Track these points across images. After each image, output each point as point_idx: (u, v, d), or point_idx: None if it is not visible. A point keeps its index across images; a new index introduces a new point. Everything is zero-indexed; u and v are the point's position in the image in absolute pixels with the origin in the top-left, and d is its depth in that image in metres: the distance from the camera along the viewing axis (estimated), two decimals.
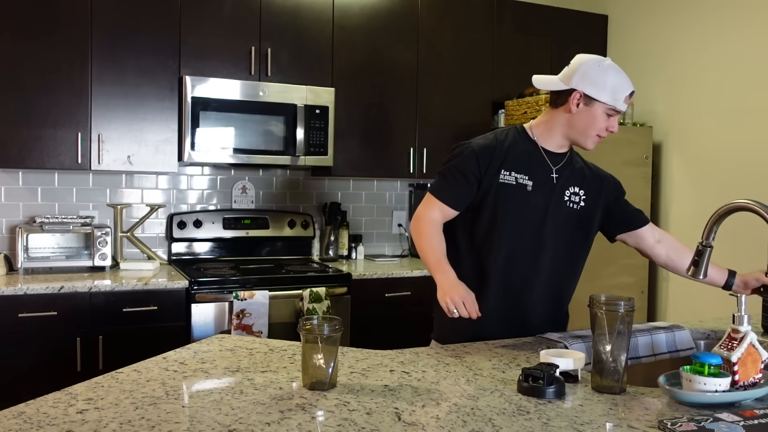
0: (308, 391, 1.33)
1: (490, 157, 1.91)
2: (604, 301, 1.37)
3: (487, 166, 1.90)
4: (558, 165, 1.96)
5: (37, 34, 3.04)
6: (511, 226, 1.89)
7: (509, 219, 1.89)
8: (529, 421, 1.19)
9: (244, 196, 3.81)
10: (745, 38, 3.59)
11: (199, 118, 3.26)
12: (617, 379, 1.36)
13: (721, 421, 1.17)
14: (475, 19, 4.00)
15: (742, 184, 3.57)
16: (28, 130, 3.05)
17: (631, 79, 1.93)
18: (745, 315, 1.37)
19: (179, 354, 1.59)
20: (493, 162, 1.90)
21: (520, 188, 1.90)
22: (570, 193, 1.95)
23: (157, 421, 1.15)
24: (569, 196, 1.95)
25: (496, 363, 1.58)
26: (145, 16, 3.22)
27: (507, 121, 4.02)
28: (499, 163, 1.90)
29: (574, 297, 2.02)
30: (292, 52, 3.52)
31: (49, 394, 1.28)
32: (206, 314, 3.03)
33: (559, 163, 1.97)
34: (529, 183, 1.91)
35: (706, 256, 1.71)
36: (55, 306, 2.83)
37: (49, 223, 3.17)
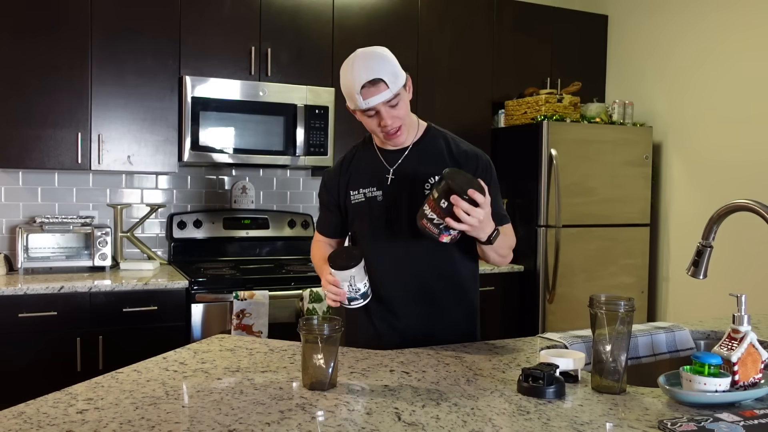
0: (308, 391, 1.33)
1: (336, 181, 1.91)
2: (604, 301, 1.37)
3: (337, 191, 1.90)
4: (396, 163, 1.84)
5: (37, 34, 3.04)
6: (369, 241, 1.85)
7: (366, 236, 1.87)
8: (529, 421, 1.19)
9: (244, 196, 3.81)
10: (745, 38, 3.59)
11: (199, 118, 3.26)
12: (617, 379, 1.36)
13: (721, 421, 1.17)
14: (475, 19, 4.00)
15: (742, 184, 3.57)
16: (28, 130, 3.05)
17: (375, 67, 1.69)
18: (745, 315, 1.36)
19: (179, 354, 1.59)
20: (341, 185, 1.89)
21: (371, 202, 1.84)
22: (431, 185, 1.81)
23: (157, 421, 1.15)
24: (430, 188, 1.80)
25: (496, 363, 1.58)
26: (145, 16, 3.22)
27: (507, 121, 4.02)
28: (345, 184, 1.89)
29: (574, 297, 2.00)
30: (292, 52, 3.52)
31: (49, 394, 1.28)
32: (206, 314, 3.03)
33: (397, 161, 1.84)
34: (378, 193, 1.84)
35: (706, 256, 1.71)
36: (55, 306, 2.83)
37: (49, 223, 3.17)
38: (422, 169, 1.82)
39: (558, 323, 3.69)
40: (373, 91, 1.68)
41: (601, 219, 3.83)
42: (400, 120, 1.76)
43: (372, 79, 1.68)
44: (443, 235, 1.60)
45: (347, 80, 1.72)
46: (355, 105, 1.74)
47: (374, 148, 1.89)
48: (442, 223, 1.57)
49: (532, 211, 3.76)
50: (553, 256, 3.70)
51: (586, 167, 3.76)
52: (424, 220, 1.59)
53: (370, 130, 1.82)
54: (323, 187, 1.97)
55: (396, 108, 1.74)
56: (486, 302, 3.90)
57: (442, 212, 1.55)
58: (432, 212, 1.57)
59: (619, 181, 3.86)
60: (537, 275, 3.72)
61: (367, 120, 1.77)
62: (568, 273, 3.73)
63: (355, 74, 1.69)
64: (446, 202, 1.53)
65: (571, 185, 3.72)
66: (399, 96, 1.73)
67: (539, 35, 4.19)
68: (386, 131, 1.76)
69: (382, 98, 1.70)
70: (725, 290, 3.17)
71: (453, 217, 1.54)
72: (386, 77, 1.69)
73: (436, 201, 1.56)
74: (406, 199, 1.81)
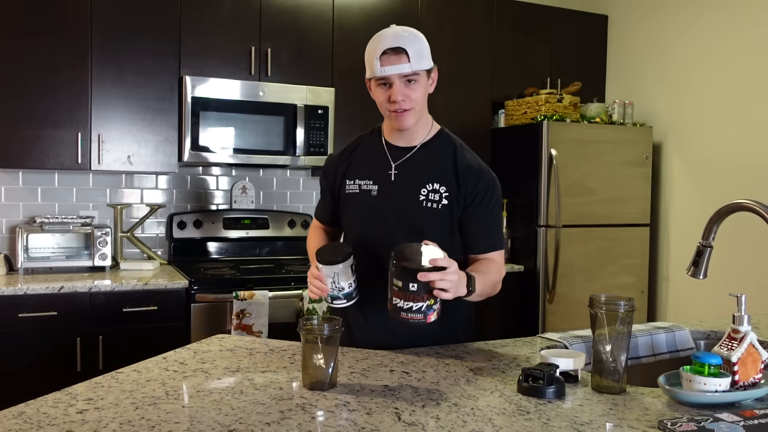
0: (308, 391, 1.33)
1: (335, 169, 1.86)
2: (604, 301, 1.37)
3: (334, 178, 1.86)
4: (399, 160, 1.78)
5: (37, 34, 3.04)
6: (359, 236, 1.79)
7: (352, 230, 1.83)
8: (529, 421, 1.19)
9: (244, 196, 3.81)
10: (745, 38, 3.59)
11: (199, 118, 3.26)
12: (617, 379, 1.36)
13: (721, 421, 1.17)
14: (475, 19, 4.00)
15: (742, 184, 3.57)
16: (28, 130, 3.05)
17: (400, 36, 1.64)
18: (745, 315, 1.36)
19: (179, 354, 1.59)
20: (339, 172, 1.85)
21: (365, 195, 1.78)
22: (428, 191, 1.74)
23: (157, 421, 1.15)
24: (426, 195, 1.74)
25: (496, 363, 1.58)
26: (145, 16, 3.22)
27: (507, 121, 4.02)
28: (343, 172, 1.84)
29: (574, 297, 1.99)
30: (292, 52, 3.52)
31: (49, 394, 1.28)
32: (206, 314, 3.03)
33: (402, 158, 1.78)
34: (374, 188, 1.77)
35: (706, 256, 1.71)
36: (55, 306, 2.83)
37: (49, 223, 3.17)
38: (424, 174, 1.75)
39: (558, 323, 3.69)
40: (393, 60, 1.64)
41: (601, 219, 3.83)
42: (412, 102, 1.69)
43: (395, 47, 1.63)
44: (429, 315, 1.47)
45: (372, 45, 1.68)
46: (371, 72, 1.68)
47: (381, 140, 1.83)
48: (422, 305, 1.45)
49: (532, 211, 3.76)
50: (553, 256, 3.70)
51: (586, 167, 3.76)
52: (402, 313, 1.46)
53: (379, 105, 1.74)
54: (322, 173, 1.94)
55: (411, 88, 1.67)
56: (486, 302, 3.92)
57: (415, 296, 1.44)
58: (406, 302, 1.45)
59: (619, 181, 3.86)
60: (537, 275, 3.72)
61: (378, 92, 1.71)
62: (568, 273, 3.73)
63: (381, 40, 1.65)
64: (414, 284, 1.43)
65: (571, 185, 3.72)
66: (418, 77, 1.67)
67: (539, 35, 4.19)
68: (394, 108, 1.68)
69: (400, 70, 1.64)
70: (725, 290, 3.17)
71: (430, 292, 1.44)
72: (411, 51, 1.64)
73: (403, 289, 1.44)
74: (400, 199, 1.75)
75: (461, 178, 1.74)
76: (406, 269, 1.43)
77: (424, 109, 1.77)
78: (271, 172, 3.87)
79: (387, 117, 1.75)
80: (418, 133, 1.79)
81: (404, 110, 1.69)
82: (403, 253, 1.46)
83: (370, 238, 1.76)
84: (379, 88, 1.70)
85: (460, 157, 1.77)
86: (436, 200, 1.73)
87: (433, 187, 1.73)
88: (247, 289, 3.03)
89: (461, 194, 1.73)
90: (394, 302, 1.47)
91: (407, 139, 1.79)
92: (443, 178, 1.74)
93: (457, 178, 1.74)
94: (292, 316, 3.13)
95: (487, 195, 1.74)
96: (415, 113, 1.72)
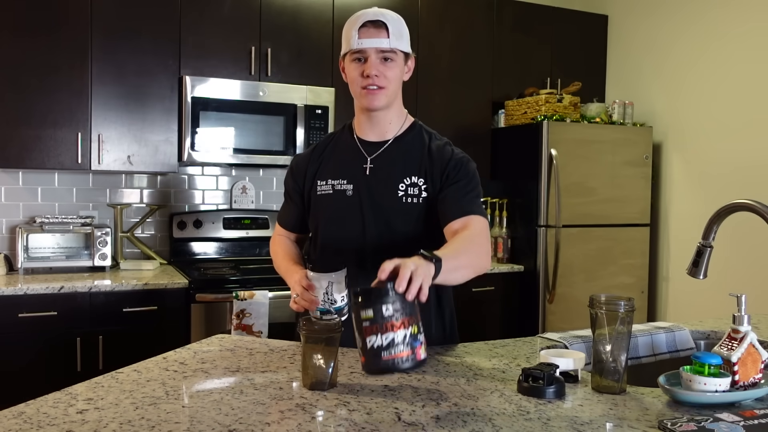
0: (308, 391, 1.33)
1: (304, 169, 1.75)
2: (604, 301, 1.37)
3: (303, 179, 1.75)
4: (374, 154, 1.70)
5: (37, 34, 3.04)
6: (332, 240, 1.70)
7: (329, 234, 1.71)
8: (529, 421, 1.19)
9: (244, 196, 3.81)
10: (745, 38, 3.59)
11: (199, 118, 3.26)
12: (617, 379, 1.36)
13: (721, 421, 1.17)
14: (475, 19, 4.00)
15: (742, 184, 3.57)
16: (28, 130, 3.05)
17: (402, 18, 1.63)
18: (745, 315, 1.36)
19: (179, 354, 1.59)
20: (308, 173, 1.74)
21: (339, 196, 1.69)
22: (407, 186, 1.66)
23: (157, 421, 1.15)
24: (405, 190, 1.66)
25: (496, 363, 1.58)
26: (145, 16, 3.22)
27: (507, 121, 4.02)
28: (313, 172, 1.73)
29: (574, 297, 1.99)
30: (292, 52, 3.52)
31: (49, 394, 1.28)
32: (206, 314, 3.03)
33: (376, 152, 1.70)
34: (349, 187, 1.68)
35: (706, 256, 1.71)
36: (55, 306, 2.83)
37: (49, 223, 3.17)
38: (401, 167, 1.67)
39: (558, 323, 3.69)
40: (372, 33, 1.59)
41: (601, 219, 3.83)
42: (386, 81, 1.62)
43: (376, 20, 1.58)
44: (418, 349, 1.22)
45: (350, 21, 1.62)
46: (347, 46, 1.61)
47: (353, 136, 1.74)
48: (405, 333, 1.20)
49: (532, 211, 3.76)
50: (553, 256, 3.70)
51: (586, 167, 3.76)
52: (385, 354, 1.19)
53: (351, 83, 1.65)
54: (289, 173, 1.81)
55: (387, 66, 1.61)
56: (486, 302, 3.93)
57: (393, 322, 1.20)
58: (385, 335, 1.19)
59: (619, 181, 3.86)
60: (537, 275, 3.72)
61: (352, 68, 1.63)
62: (568, 273, 3.73)
63: (361, 14, 1.61)
64: (387, 305, 1.20)
65: (571, 185, 3.71)
66: (395, 57, 1.62)
67: (539, 35, 4.19)
68: (367, 84, 1.61)
69: (378, 44, 1.58)
70: (725, 290, 3.16)
71: (409, 313, 1.22)
72: (391, 28, 1.60)
73: (375, 318, 1.19)
74: (377, 197, 1.67)
75: (434, 163, 1.67)
76: (370, 291, 1.22)
77: (397, 96, 1.70)
78: (271, 172, 3.87)
79: (358, 96, 1.66)
80: (391, 125, 1.71)
81: (378, 87, 1.61)
82: (358, 291, 1.24)
83: (344, 241, 1.67)
84: (354, 63, 1.62)
85: (433, 144, 1.71)
86: (415, 194, 1.66)
87: (411, 181, 1.66)
88: (247, 289, 3.03)
89: (437, 181, 1.65)
90: (369, 344, 1.20)
91: (380, 132, 1.71)
92: (419, 169, 1.67)
93: (432, 165, 1.67)
94: (292, 316, 3.09)
95: (461, 171, 1.65)
96: (387, 94, 1.64)
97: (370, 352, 1.19)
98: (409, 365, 1.20)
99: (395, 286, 1.21)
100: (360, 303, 1.21)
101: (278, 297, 3.10)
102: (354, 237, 1.67)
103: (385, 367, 1.19)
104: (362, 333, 1.21)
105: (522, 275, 3.81)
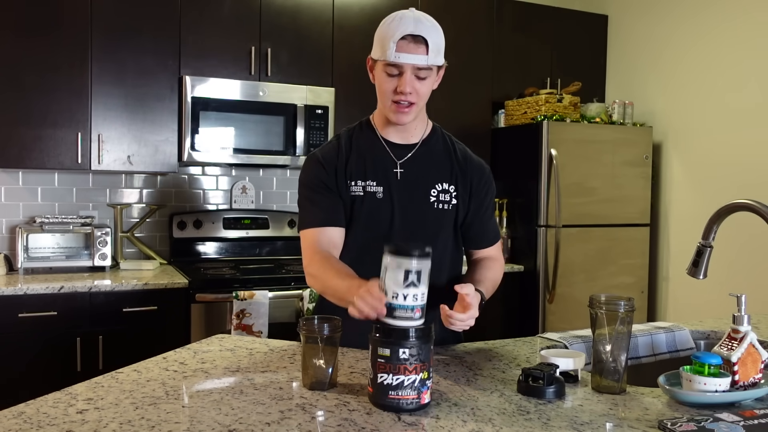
0: (308, 391, 1.33)
1: (334, 164, 1.65)
2: (604, 301, 1.37)
3: (335, 175, 1.65)
4: (404, 158, 1.66)
5: (37, 34, 3.04)
6: (357, 245, 1.64)
7: (355, 238, 1.64)
8: (529, 421, 1.19)
9: (244, 196, 3.81)
10: (746, 38, 3.59)
11: (199, 118, 3.26)
12: (617, 379, 1.36)
13: (721, 421, 1.17)
14: (475, 19, 4.00)
15: (742, 184, 3.57)
16: (28, 130, 3.05)
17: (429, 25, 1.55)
18: (745, 315, 1.36)
19: (179, 354, 1.59)
20: (339, 169, 1.65)
21: (370, 198, 1.63)
22: (438, 192, 1.66)
23: (157, 421, 1.15)
24: (437, 195, 1.66)
25: (496, 363, 1.58)
26: (145, 16, 3.22)
27: (507, 121, 4.02)
28: (343, 172, 1.65)
29: (574, 297, 1.99)
30: (292, 52, 3.52)
31: (49, 394, 1.28)
32: (206, 314, 3.03)
33: (406, 156, 1.67)
34: (379, 189, 1.63)
35: (705, 256, 1.71)
36: (55, 306, 2.83)
37: (49, 223, 3.17)
38: (432, 173, 1.67)
39: (558, 323, 3.69)
40: (411, 48, 1.52)
41: (601, 219, 3.83)
42: (418, 97, 1.58)
43: (417, 35, 1.51)
44: (423, 394, 1.23)
45: (389, 26, 1.54)
46: (382, 54, 1.53)
47: (377, 136, 1.69)
48: (415, 378, 1.20)
49: (532, 211, 3.76)
50: (553, 256, 3.70)
51: (586, 167, 3.76)
52: (392, 393, 1.21)
53: (380, 93, 1.60)
54: (320, 167, 1.66)
55: (421, 83, 1.57)
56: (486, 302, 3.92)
57: (407, 366, 1.20)
58: (396, 375, 1.20)
59: (619, 181, 3.86)
60: (537, 275, 3.72)
61: (384, 79, 1.57)
62: (568, 273, 3.73)
63: (402, 23, 1.52)
64: (405, 349, 1.19)
65: (571, 185, 3.72)
66: (430, 73, 1.57)
67: (539, 35, 4.19)
68: (399, 99, 1.56)
69: (416, 61, 1.52)
70: (725, 290, 3.17)
71: (425, 360, 1.21)
72: (431, 43, 1.54)
73: (392, 358, 1.19)
74: (409, 201, 1.65)
75: (465, 172, 1.70)
76: (391, 330, 1.20)
77: (424, 106, 1.69)
78: (271, 172, 3.87)
79: (385, 107, 1.61)
80: (417, 129, 1.70)
81: (409, 104, 1.58)
82: (382, 324, 1.21)
83: (374, 245, 1.50)
84: (386, 74, 1.57)
85: (460, 151, 1.74)
86: (446, 200, 1.67)
87: (443, 187, 1.67)
88: (247, 289, 3.03)
89: (466, 190, 1.69)
90: (380, 379, 1.20)
91: (405, 135, 1.69)
92: (450, 176, 1.68)
93: (463, 173, 1.69)
94: (292, 316, 3.13)
95: (489, 190, 1.73)
96: (417, 109, 1.62)
97: (378, 386, 1.23)
98: (412, 408, 1.22)
99: (451, 321, 1.37)
100: (378, 339, 1.22)
101: (278, 297, 3.10)
102: (382, 240, 1.52)
103: (389, 405, 1.22)
104: (375, 367, 1.23)
105: (522, 275, 3.81)
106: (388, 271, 1.24)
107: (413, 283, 1.22)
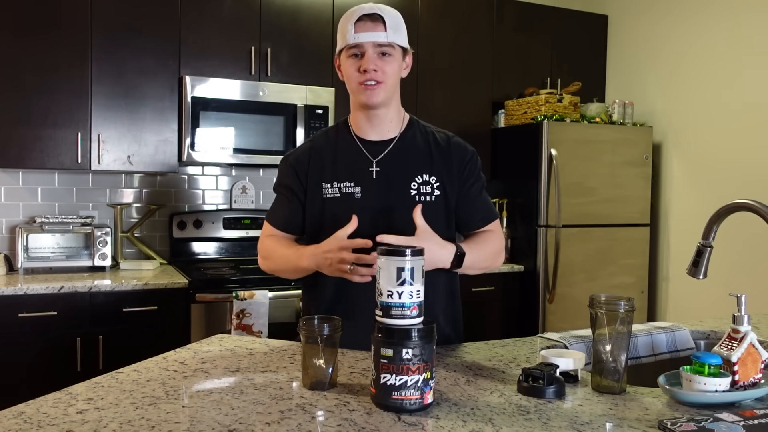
0: (308, 391, 1.33)
1: (306, 168, 1.67)
2: (604, 301, 1.37)
3: (306, 177, 1.66)
4: (379, 156, 1.65)
5: (36, 34, 3.04)
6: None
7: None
8: (529, 421, 1.19)
9: (244, 196, 3.81)
10: (746, 38, 3.59)
11: (199, 118, 3.26)
12: (617, 379, 1.36)
13: (721, 421, 1.17)
14: (475, 19, 4.00)
15: (742, 184, 3.57)
16: (28, 130, 3.05)
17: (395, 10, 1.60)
18: (745, 315, 1.36)
19: (179, 354, 1.59)
20: (311, 173, 1.66)
21: (348, 199, 1.62)
22: (418, 184, 1.64)
23: (157, 421, 1.15)
24: (417, 188, 1.64)
25: (496, 363, 1.58)
26: (145, 16, 3.22)
27: (507, 121, 4.02)
28: (317, 174, 1.65)
29: (574, 297, 1.98)
30: (292, 52, 3.52)
31: (49, 394, 1.28)
32: (206, 314, 3.03)
33: (381, 153, 1.65)
34: (357, 189, 1.62)
35: (705, 256, 1.71)
36: (55, 306, 2.83)
37: (49, 223, 3.17)
38: (411, 165, 1.64)
39: (558, 323, 3.69)
40: (368, 27, 1.54)
41: (601, 219, 3.83)
42: (384, 75, 1.57)
43: (372, 14, 1.54)
44: (426, 394, 1.23)
45: (346, 16, 1.57)
46: (343, 41, 1.56)
47: (352, 136, 1.67)
48: (418, 378, 1.21)
49: (532, 211, 3.76)
50: (553, 256, 3.70)
51: (586, 167, 3.76)
52: (395, 393, 1.21)
53: (348, 80, 1.60)
54: (290, 170, 1.70)
55: (385, 61, 1.57)
56: (486, 302, 3.93)
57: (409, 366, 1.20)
58: (399, 376, 1.21)
59: (619, 181, 3.86)
60: (537, 275, 3.72)
61: (348, 64, 1.58)
62: (567, 273, 3.73)
63: (358, 9, 1.56)
64: (408, 349, 1.20)
65: (571, 185, 3.72)
66: (393, 51, 1.58)
67: (539, 35, 4.20)
68: (364, 78, 1.56)
69: (375, 38, 1.54)
70: (725, 290, 3.17)
71: (428, 361, 1.21)
72: (388, 21, 1.56)
73: (394, 359, 1.20)
74: (389, 198, 1.62)
75: (446, 156, 1.67)
76: (393, 330, 1.21)
77: (396, 93, 1.67)
78: (271, 172, 3.87)
79: (355, 92, 1.61)
80: (392, 124, 1.67)
81: (376, 82, 1.56)
82: (386, 323, 1.23)
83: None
84: (350, 59, 1.58)
85: (440, 138, 1.70)
86: (428, 192, 1.63)
87: (423, 179, 1.64)
88: (247, 289, 3.03)
89: (452, 174, 1.66)
90: (383, 380, 1.21)
91: (380, 131, 1.67)
92: (431, 167, 1.65)
93: (444, 158, 1.66)
94: (292, 316, 3.13)
95: (476, 167, 1.70)
96: (386, 89, 1.59)
97: (381, 387, 1.22)
98: (415, 408, 1.22)
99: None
100: (381, 339, 1.22)
101: (278, 297, 3.10)
102: (365, 235, 1.55)
103: (392, 406, 1.22)
104: (378, 367, 1.22)
105: (522, 275, 3.81)
106: (381, 271, 1.24)
107: (406, 281, 1.22)
